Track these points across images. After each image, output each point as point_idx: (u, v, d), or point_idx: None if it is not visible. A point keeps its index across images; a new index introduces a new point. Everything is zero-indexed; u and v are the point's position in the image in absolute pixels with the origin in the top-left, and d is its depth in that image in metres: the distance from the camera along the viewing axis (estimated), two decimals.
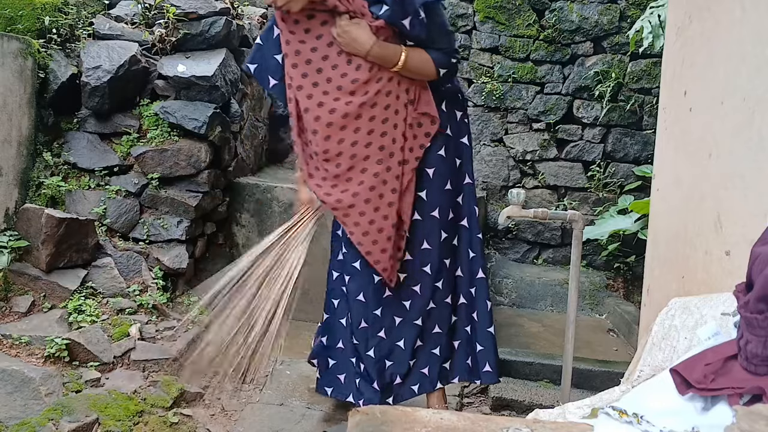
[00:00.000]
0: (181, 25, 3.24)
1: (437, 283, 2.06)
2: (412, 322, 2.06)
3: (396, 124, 1.92)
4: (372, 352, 2.05)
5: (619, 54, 4.39)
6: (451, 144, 2.04)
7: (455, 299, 2.13)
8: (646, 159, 4.30)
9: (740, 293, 0.87)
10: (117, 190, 2.93)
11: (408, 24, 1.83)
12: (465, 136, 2.09)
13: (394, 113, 1.92)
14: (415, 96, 1.94)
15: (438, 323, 2.10)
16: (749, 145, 1.19)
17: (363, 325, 2.06)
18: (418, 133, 1.96)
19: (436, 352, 2.11)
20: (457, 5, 4.51)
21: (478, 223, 2.13)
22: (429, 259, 2.03)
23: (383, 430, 0.84)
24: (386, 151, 1.92)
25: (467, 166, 2.10)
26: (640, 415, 0.85)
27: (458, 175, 2.08)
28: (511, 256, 4.46)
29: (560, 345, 2.36)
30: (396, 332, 2.07)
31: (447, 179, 2.04)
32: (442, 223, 2.04)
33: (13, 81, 2.73)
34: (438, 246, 2.03)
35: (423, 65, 1.91)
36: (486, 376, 2.17)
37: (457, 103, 2.06)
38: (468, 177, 2.11)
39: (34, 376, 2.13)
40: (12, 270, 2.53)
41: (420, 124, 1.96)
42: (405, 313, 2.06)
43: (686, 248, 1.44)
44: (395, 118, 1.92)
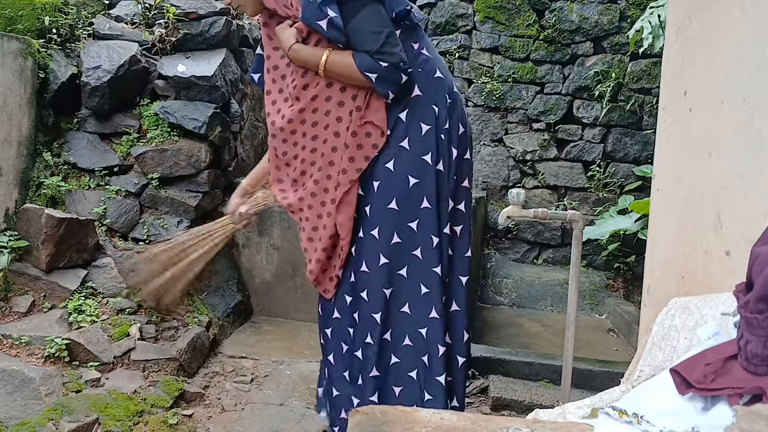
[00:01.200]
0: (181, 25, 3.24)
1: (375, 314, 1.84)
2: (351, 352, 1.91)
3: (337, 132, 1.81)
4: (327, 374, 1.98)
5: (619, 54, 4.40)
6: (405, 158, 1.81)
7: (397, 338, 1.87)
8: (646, 159, 4.30)
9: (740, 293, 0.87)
10: (117, 190, 2.93)
11: (324, 25, 1.74)
12: (428, 153, 1.81)
13: (336, 120, 1.81)
14: (364, 103, 1.80)
15: (372, 363, 1.87)
16: (749, 145, 1.19)
17: (321, 342, 2.00)
18: (365, 143, 1.81)
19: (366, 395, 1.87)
20: (457, 5, 4.51)
21: (441, 256, 1.84)
22: (366, 284, 1.84)
23: (383, 430, 0.84)
24: (326, 159, 1.84)
25: (428, 188, 1.81)
26: (640, 415, 0.85)
27: (411, 196, 1.81)
28: (511, 256, 4.46)
29: (560, 345, 2.36)
30: (340, 359, 1.93)
31: (392, 197, 1.81)
32: (382, 246, 1.82)
33: (13, 81, 2.73)
34: (377, 271, 1.82)
35: (346, 70, 1.76)
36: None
37: (426, 116, 1.82)
38: (427, 201, 1.82)
39: (34, 376, 2.13)
40: (12, 270, 2.53)
41: (369, 134, 1.80)
42: (349, 340, 1.91)
43: (686, 248, 1.44)
44: (337, 125, 1.81)
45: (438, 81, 1.85)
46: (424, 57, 1.85)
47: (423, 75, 1.83)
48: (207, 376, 2.55)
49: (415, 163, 1.81)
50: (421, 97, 1.82)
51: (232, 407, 2.35)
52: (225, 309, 3.01)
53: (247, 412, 2.32)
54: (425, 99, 1.82)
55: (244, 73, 3.55)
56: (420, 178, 1.81)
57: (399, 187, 1.81)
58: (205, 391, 2.43)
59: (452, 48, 4.53)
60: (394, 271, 1.84)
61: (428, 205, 1.82)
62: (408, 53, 1.80)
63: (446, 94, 1.86)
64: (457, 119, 1.88)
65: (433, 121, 1.82)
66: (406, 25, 1.82)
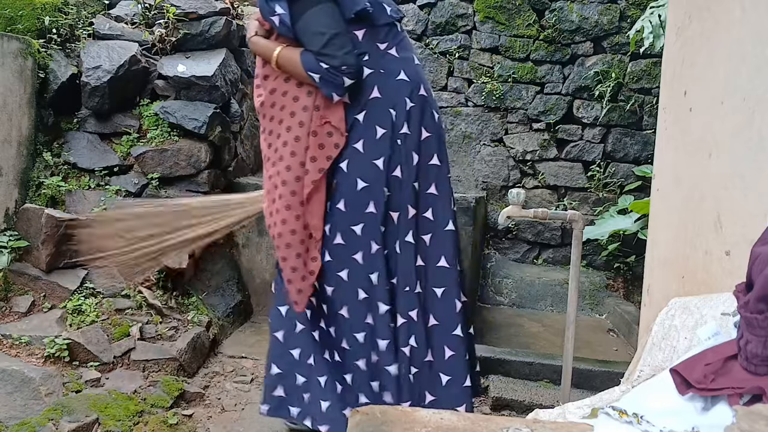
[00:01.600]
0: (181, 25, 3.24)
1: (323, 306, 1.90)
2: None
3: (290, 127, 1.82)
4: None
5: (619, 54, 4.39)
6: (357, 161, 1.80)
7: (338, 338, 1.88)
8: (646, 159, 4.30)
9: (740, 293, 0.87)
10: (117, 190, 2.93)
11: (276, 21, 1.76)
12: (381, 158, 1.79)
13: (290, 115, 1.82)
14: (322, 102, 1.79)
15: (320, 352, 1.90)
16: (749, 145, 1.19)
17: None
18: (327, 142, 1.80)
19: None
20: (457, 5, 4.51)
21: (385, 263, 1.80)
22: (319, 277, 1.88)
23: (383, 430, 0.84)
24: (278, 155, 1.84)
25: (376, 193, 1.78)
26: (640, 415, 0.85)
27: (358, 200, 1.80)
28: (511, 256, 4.46)
29: (560, 345, 2.36)
30: (315, 368, 1.92)
31: (341, 197, 1.82)
32: (328, 244, 1.84)
33: (13, 81, 2.73)
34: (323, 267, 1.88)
35: (293, 67, 1.76)
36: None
37: (382, 119, 1.80)
38: (373, 206, 1.79)
39: (34, 376, 2.13)
40: (12, 270, 2.53)
41: (330, 134, 1.80)
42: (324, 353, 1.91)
43: (686, 248, 1.44)
44: (291, 120, 1.81)
45: (400, 84, 1.81)
46: (390, 58, 1.82)
47: (384, 77, 1.80)
48: (207, 376, 2.56)
49: (365, 166, 1.80)
50: (380, 99, 1.80)
51: (232, 407, 2.35)
52: (225, 309, 3.01)
53: (247, 412, 2.32)
54: (383, 102, 1.80)
55: (244, 73, 3.55)
56: (369, 182, 1.79)
57: (348, 189, 1.80)
58: (205, 391, 2.43)
59: (452, 48, 4.53)
60: (334, 272, 1.84)
61: (374, 210, 1.79)
62: (371, 54, 1.79)
63: (407, 97, 1.81)
64: (419, 123, 1.82)
65: (389, 125, 1.79)
66: (374, 25, 1.79)
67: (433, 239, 1.85)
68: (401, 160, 1.80)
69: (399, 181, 1.81)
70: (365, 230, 1.80)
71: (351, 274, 1.83)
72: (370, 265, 1.81)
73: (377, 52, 1.80)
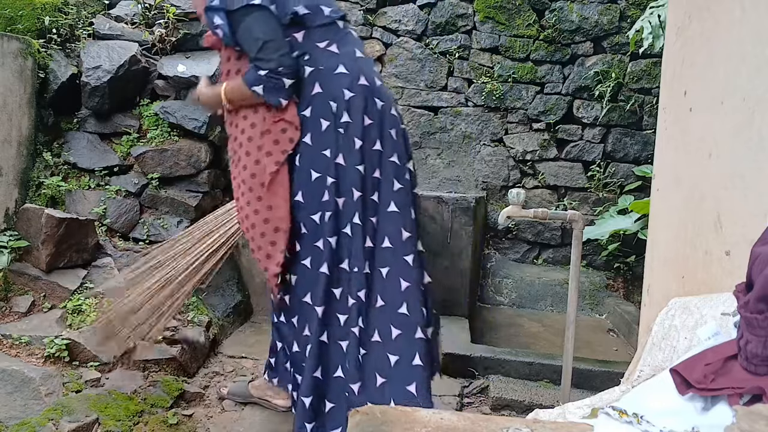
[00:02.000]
0: (181, 25, 3.24)
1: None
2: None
3: (243, 129, 1.95)
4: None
5: (619, 54, 4.40)
6: (308, 154, 1.91)
7: (301, 326, 2.01)
8: (646, 159, 4.30)
9: (740, 293, 0.87)
10: (117, 190, 2.93)
11: (220, 33, 1.88)
12: (328, 149, 1.89)
13: (243, 118, 1.96)
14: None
15: (290, 342, 2.09)
16: (749, 145, 1.19)
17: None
18: (281, 138, 1.91)
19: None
20: (457, 5, 4.51)
21: (336, 250, 1.90)
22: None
23: (383, 430, 0.84)
24: (237, 156, 1.98)
25: (329, 182, 1.89)
26: (640, 415, 0.85)
27: (314, 190, 1.91)
28: (511, 256, 4.46)
29: (560, 345, 2.36)
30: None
31: (298, 190, 1.93)
32: (294, 235, 1.95)
33: (13, 81, 2.73)
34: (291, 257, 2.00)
35: (239, 92, 1.90)
36: None
37: (324, 112, 1.90)
38: (328, 194, 1.89)
39: (34, 376, 2.13)
40: (12, 270, 2.53)
41: (284, 130, 1.91)
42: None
43: (686, 248, 1.44)
44: (244, 123, 1.95)
45: (338, 77, 1.91)
46: (329, 54, 1.91)
47: (325, 72, 1.91)
48: (207, 376, 2.56)
49: (316, 157, 1.91)
50: (321, 93, 1.90)
51: (232, 407, 2.36)
52: (225, 309, 3.01)
53: (247, 412, 2.32)
54: (324, 95, 1.90)
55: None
56: (321, 172, 1.90)
57: (303, 181, 1.92)
58: (205, 391, 2.43)
59: (452, 48, 4.53)
60: (299, 261, 1.96)
61: (328, 198, 1.90)
62: (311, 53, 1.90)
63: (345, 88, 1.90)
64: (362, 111, 1.91)
65: (331, 116, 1.90)
66: (312, 26, 1.90)
67: (379, 221, 1.93)
68: (344, 147, 1.90)
69: (343, 167, 1.90)
70: (323, 218, 1.91)
71: (313, 262, 1.93)
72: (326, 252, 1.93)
73: (317, 51, 1.91)
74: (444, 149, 4.57)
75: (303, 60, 1.89)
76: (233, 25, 1.85)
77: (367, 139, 1.91)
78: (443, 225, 3.45)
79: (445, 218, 3.45)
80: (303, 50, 1.89)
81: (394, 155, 1.94)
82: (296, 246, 1.95)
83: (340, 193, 1.89)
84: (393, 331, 1.88)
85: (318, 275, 1.91)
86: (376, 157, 1.92)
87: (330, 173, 1.89)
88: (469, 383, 2.74)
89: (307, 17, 1.88)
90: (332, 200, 1.88)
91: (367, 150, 1.91)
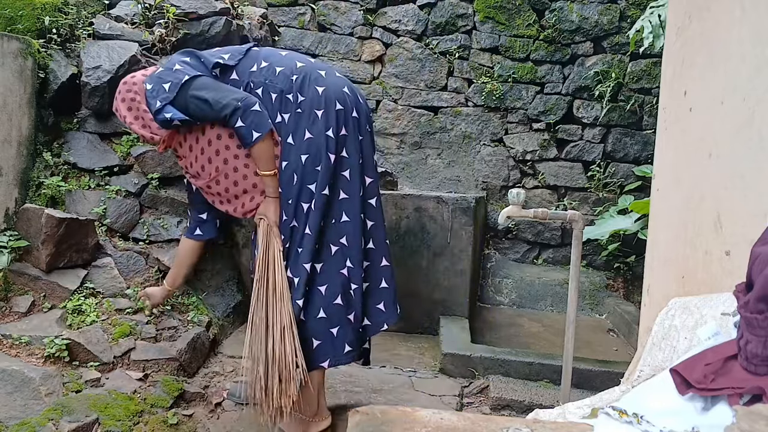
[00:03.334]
0: (181, 25, 3.24)
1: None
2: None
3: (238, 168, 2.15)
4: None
5: (619, 54, 4.40)
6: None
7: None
8: (646, 159, 4.30)
9: (740, 293, 0.87)
10: (117, 190, 2.93)
11: (175, 123, 2.06)
12: (290, 136, 2.10)
13: (235, 168, 2.15)
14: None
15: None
16: (749, 145, 1.19)
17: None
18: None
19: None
20: (457, 5, 4.51)
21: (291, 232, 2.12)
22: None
23: (383, 430, 0.84)
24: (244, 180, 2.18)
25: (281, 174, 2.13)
26: (640, 415, 0.85)
27: (282, 180, 2.13)
28: (511, 256, 4.46)
29: (560, 345, 2.36)
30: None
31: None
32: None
33: (13, 81, 2.73)
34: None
35: (258, 154, 2.05)
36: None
37: (285, 105, 2.10)
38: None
39: (34, 376, 2.13)
40: (12, 270, 2.53)
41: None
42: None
43: (686, 248, 1.44)
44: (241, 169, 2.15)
45: (280, 77, 2.10)
46: (265, 68, 2.11)
47: (267, 84, 2.10)
48: (207, 376, 2.55)
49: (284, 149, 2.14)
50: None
51: (232, 407, 2.35)
52: (225, 309, 3.01)
53: (247, 412, 2.32)
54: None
55: None
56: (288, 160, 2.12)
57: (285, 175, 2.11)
58: (205, 391, 2.43)
59: (452, 48, 4.53)
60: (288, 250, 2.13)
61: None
62: (253, 79, 2.09)
63: (291, 76, 2.10)
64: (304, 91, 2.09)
65: (289, 108, 2.11)
66: (235, 64, 2.11)
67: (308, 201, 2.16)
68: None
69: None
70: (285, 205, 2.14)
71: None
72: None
73: (254, 74, 2.11)
74: (444, 149, 4.57)
75: (251, 88, 2.09)
76: (182, 108, 2.05)
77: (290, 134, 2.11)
78: (443, 225, 3.45)
79: (445, 218, 3.45)
80: (245, 82, 2.10)
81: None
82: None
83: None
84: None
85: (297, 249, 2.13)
86: (287, 149, 2.11)
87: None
88: (469, 383, 2.74)
89: (230, 59, 2.12)
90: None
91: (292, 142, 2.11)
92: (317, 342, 2.10)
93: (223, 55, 2.13)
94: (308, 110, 2.06)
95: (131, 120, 2.17)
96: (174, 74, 2.06)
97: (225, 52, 2.15)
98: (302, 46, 4.60)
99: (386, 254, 2.25)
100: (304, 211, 2.07)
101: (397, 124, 4.58)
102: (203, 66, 2.10)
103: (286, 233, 2.10)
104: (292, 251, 2.10)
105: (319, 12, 4.66)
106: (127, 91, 2.17)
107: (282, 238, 2.11)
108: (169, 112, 2.05)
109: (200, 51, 2.18)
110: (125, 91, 2.17)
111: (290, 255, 2.10)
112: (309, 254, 2.06)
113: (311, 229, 2.06)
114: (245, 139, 2.02)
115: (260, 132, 2.00)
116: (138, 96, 2.15)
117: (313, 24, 4.67)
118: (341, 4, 4.65)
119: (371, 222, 2.21)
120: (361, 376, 2.72)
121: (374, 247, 2.22)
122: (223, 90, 2.04)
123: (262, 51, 2.21)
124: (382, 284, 2.24)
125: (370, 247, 2.22)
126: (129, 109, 2.17)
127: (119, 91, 2.20)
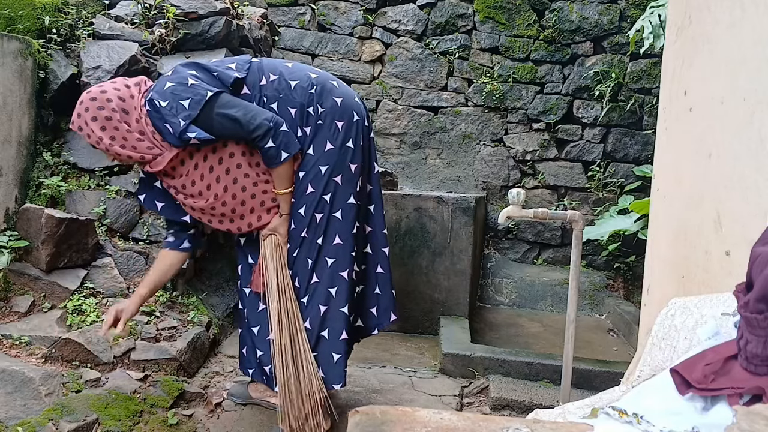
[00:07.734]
0: (181, 25, 3.24)
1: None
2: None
3: (245, 186, 2.09)
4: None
5: (619, 54, 4.40)
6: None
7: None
8: (646, 159, 4.30)
9: (740, 293, 0.86)
10: (117, 190, 2.93)
11: (198, 142, 1.96)
12: (310, 147, 2.08)
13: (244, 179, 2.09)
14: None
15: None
16: (749, 145, 1.19)
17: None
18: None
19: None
20: (457, 5, 4.51)
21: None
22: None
23: (383, 430, 0.84)
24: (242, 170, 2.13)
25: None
26: (640, 415, 0.85)
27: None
28: (511, 256, 4.46)
29: (560, 345, 2.36)
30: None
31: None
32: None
33: (13, 81, 2.73)
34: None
35: (279, 175, 2.03)
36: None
37: (306, 119, 2.08)
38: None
39: (34, 376, 2.13)
40: (12, 270, 2.53)
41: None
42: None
43: (686, 248, 1.44)
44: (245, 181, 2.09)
45: (296, 89, 2.07)
46: (273, 79, 2.07)
47: (282, 98, 2.06)
48: (207, 376, 2.55)
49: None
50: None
51: (232, 407, 2.35)
52: (225, 309, 3.01)
53: (247, 412, 2.32)
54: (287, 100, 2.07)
55: None
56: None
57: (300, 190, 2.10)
58: (205, 391, 2.43)
59: (452, 48, 4.53)
60: (290, 254, 2.13)
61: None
62: (266, 93, 2.04)
63: (308, 90, 2.07)
64: (315, 102, 2.07)
65: (309, 123, 2.09)
66: (245, 78, 2.04)
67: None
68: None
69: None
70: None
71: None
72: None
73: (265, 87, 2.06)
74: (444, 149, 4.57)
75: (264, 103, 2.04)
76: (206, 127, 1.95)
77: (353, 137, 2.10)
78: (443, 225, 3.45)
79: (445, 218, 3.45)
80: (257, 96, 2.05)
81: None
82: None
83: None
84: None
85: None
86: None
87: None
88: (469, 383, 2.74)
89: (238, 70, 2.04)
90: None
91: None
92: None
93: (230, 66, 2.04)
94: (329, 121, 2.05)
95: (108, 141, 1.96)
96: (192, 90, 1.93)
97: (230, 62, 2.06)
98: (302, 46, 4.61)
99: (383, 262, 2.25)
100: (317, 222, 2.06)
101: (397, 124, 4.58)
102: (216, 80, 1.99)
103: (295, 242, 2.09)
104: (299, 260, 2.09)
105: (319, 12, 4.66)
106: (98, 108, 1.95)
107: (289, 246, 2.11)
108: (193, 131, 1.94)
109: (202, 61, 2.08)
110: (95, 108, 1.94)
111: (297, 264, 2.10)
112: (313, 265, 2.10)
113: (324, 239, 2.08)
114: (273, 159, 1.97)
115: (289, 152, 1.97)
116: (116, 114, 1.95)
117: (313, 24, 4.68)
118: (341, 4, 4.65)
119: (369, 228, 2.24)
120: (361, 376, 2.71)
121: (371, 252, 2.24)
122: (249, 108, 1.96)
123: (263, 62, 2.13)
124: (376, 290, 2.26)
125: (367, 252, 2.24)
126: (103, 129, 1.95)
127: (86, 109, 1.95)
